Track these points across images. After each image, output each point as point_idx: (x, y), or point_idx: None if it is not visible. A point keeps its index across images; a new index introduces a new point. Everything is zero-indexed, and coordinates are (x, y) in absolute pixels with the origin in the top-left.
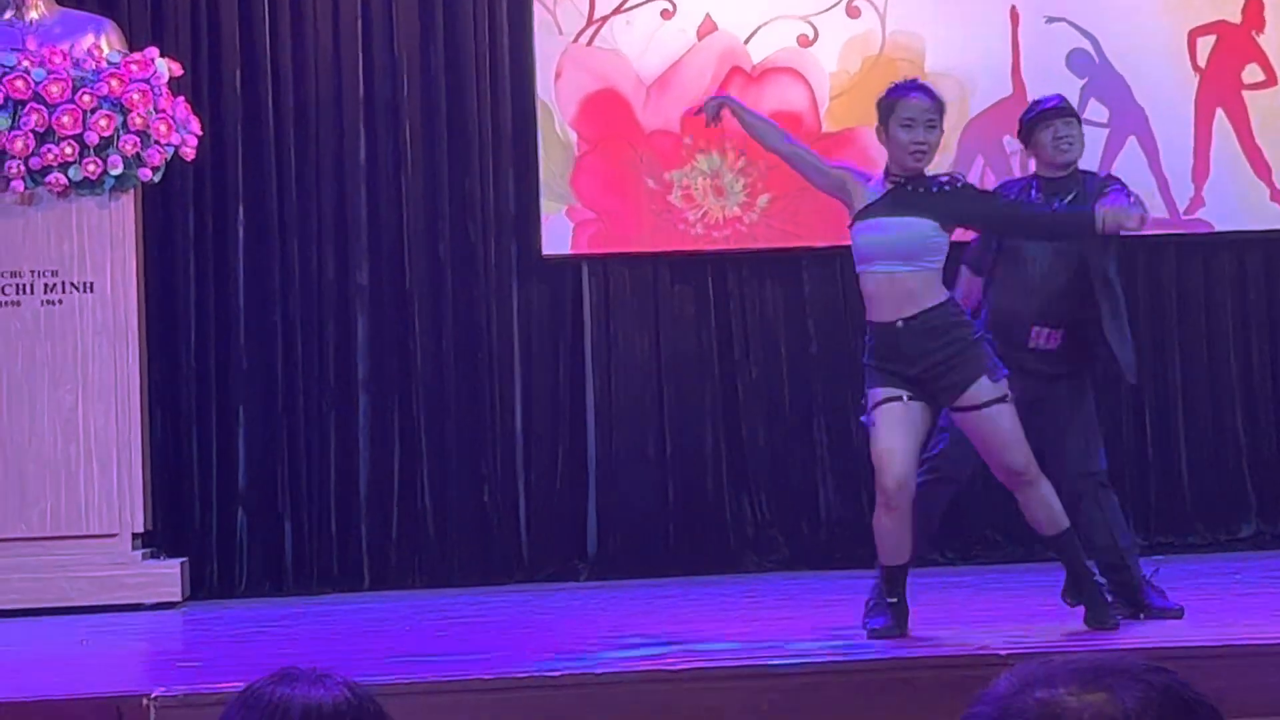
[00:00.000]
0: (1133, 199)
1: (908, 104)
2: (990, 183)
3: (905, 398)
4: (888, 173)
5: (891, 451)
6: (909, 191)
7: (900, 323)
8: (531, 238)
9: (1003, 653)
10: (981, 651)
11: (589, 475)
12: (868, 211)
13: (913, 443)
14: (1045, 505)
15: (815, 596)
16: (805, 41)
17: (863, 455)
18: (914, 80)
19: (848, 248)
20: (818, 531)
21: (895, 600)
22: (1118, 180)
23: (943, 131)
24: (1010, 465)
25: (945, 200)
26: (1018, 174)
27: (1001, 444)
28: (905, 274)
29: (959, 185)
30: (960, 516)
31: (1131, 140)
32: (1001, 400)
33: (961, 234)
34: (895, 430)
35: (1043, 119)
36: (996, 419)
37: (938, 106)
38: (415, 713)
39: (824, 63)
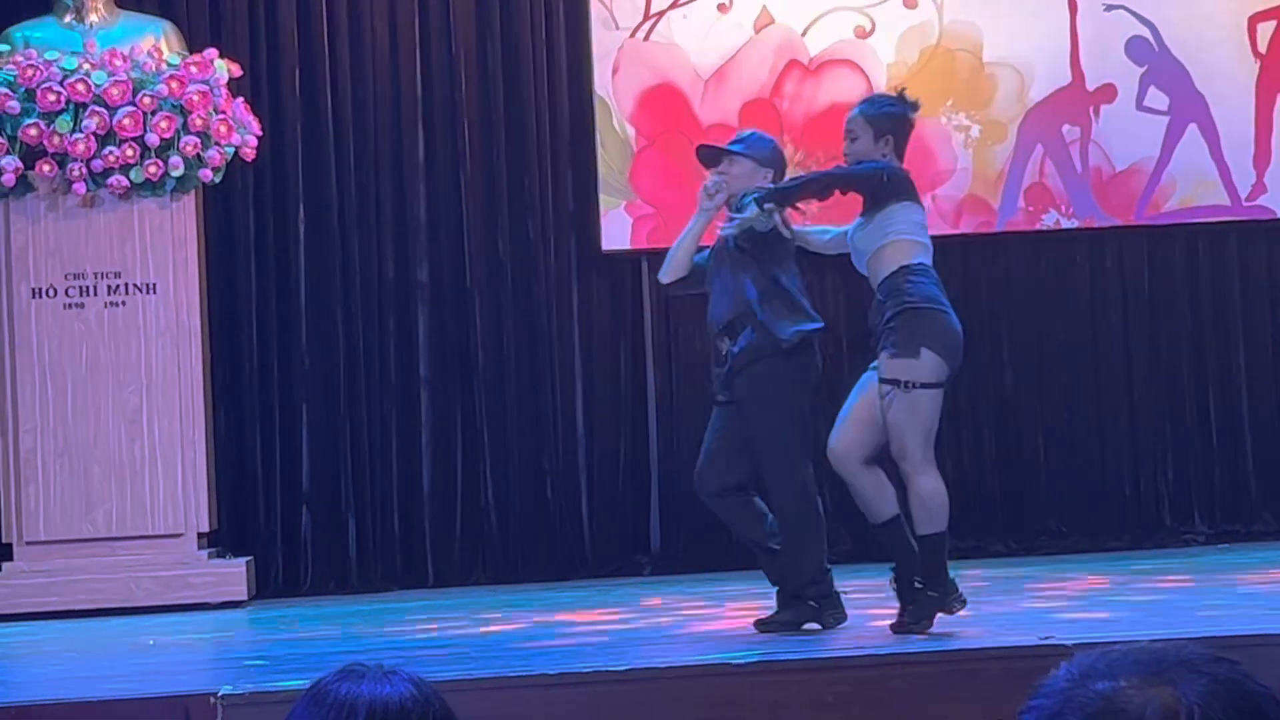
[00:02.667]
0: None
1: None
2: (1050, 173)
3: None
4: None
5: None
6: None
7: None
8: (591, 234)
9: (1068, 643)
10: (1046, 642)
11: (651, 471)
12: None
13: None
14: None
15: (880, 590)
16: (862, 33)
17: None
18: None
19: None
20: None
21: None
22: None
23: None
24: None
25: None
26: (1077, 163)
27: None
28: None
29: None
30: (1023, 508)
31: (1192, 128)
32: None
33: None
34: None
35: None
36: (910, 401)
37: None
38: (479, 708)
39: (881, 54)
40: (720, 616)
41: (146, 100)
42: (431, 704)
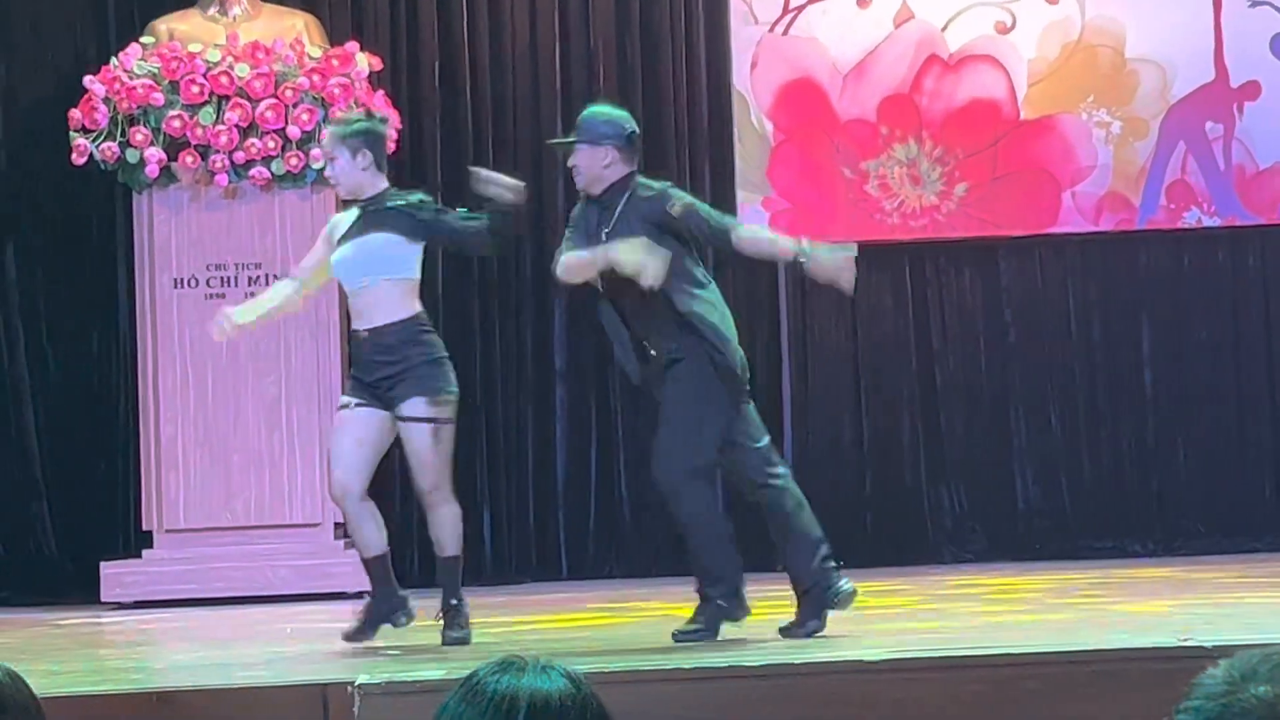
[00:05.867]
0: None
1: None
2: (1192, 170)
3: (354, 404)
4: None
5: (333, 454)
6: (372, 212)
7: (364, 333)
8: None
9: (1208, 645)
10: (1186, 643)
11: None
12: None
13: (354, 446)
14: (444, 528)
15: (1012, 587)
16: (1003, 28)
17: (1061, 445)
18: None
19: (1045, 237)
20: (1015, 523)
21: (373, 596)
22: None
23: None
24: (418, 483)
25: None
26: (1220, 160)
27: (416, 462)
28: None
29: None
30: (1163, 508)
31: None
32: (427, 421)
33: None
34: (339, 434)
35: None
36: (416, 438)
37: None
38: (611, 702)
39: (1022, 50)
40: (850, 615)
41: (288, 93)
42: (589, 700)
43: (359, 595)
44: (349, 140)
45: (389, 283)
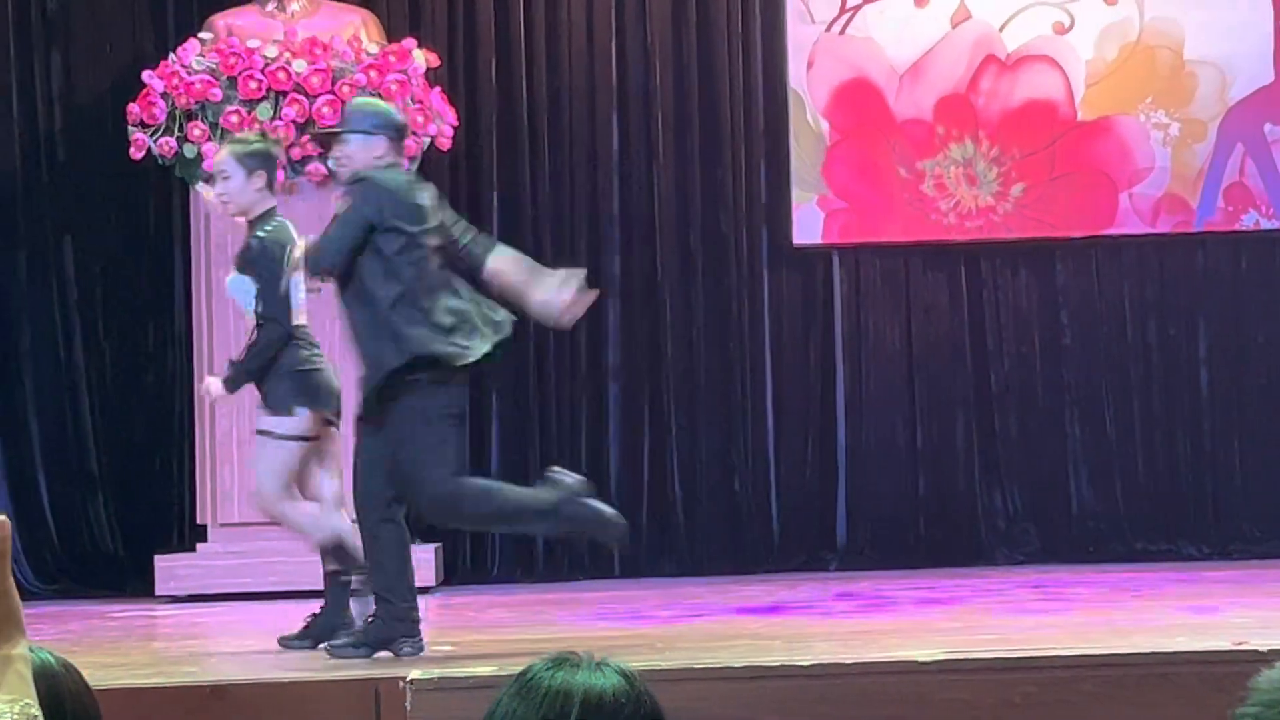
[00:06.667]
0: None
1: None
2: (1250, 173)
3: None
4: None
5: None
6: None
7: None
8: (782, 227)
9: (1263, 649)
10: (1241, 646)
11: (839, 466)
12: None
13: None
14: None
15: (1066, 589)
16: (1061, 29)
17: (1116, 447)
18: None
19: (1102, 239)
20: (1069, 525)
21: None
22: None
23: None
24: (253, 489)
25: None
26: (1278, 163)
27: (256, 471)
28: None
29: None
30: (1218, 511)
31: None
32: (268, 434)
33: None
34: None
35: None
36: (259, 448)
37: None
38: (668, 699)
39: (1080, 50)
40: (905, 614)
41: (345, 89)
42: (643, 698)
43: None
44: (245, 160)
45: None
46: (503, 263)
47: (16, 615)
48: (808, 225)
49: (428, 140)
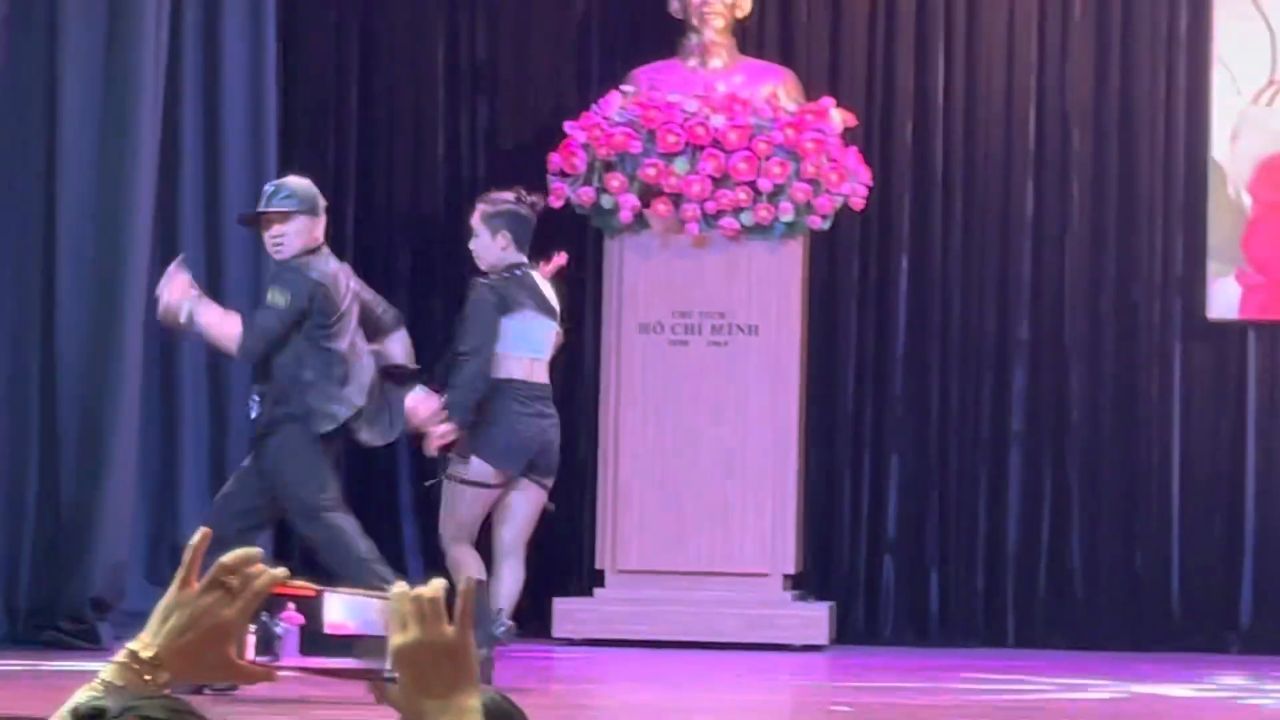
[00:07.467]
0: None
1: None
2: None
3: None
4: None
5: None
6: None
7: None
8: (1197, 299)
9: None
10: None
11: (1245, 544)
12: None
13: None
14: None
15: None
16: None
17: None
18: None
19: None
20: None
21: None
22: None
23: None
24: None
25: None
26: None
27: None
28: None
29: None
30: None
31: None
32: (451, 477)
33: None
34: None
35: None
36: (445, 486)
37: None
38: None
39: None
40: None
41: (762, 146)
42: None
43: (805, 648)
44: (490, 220)
45: None
46: None
47: (474, 669)
48: (1223, 299)
49: (841, 199)
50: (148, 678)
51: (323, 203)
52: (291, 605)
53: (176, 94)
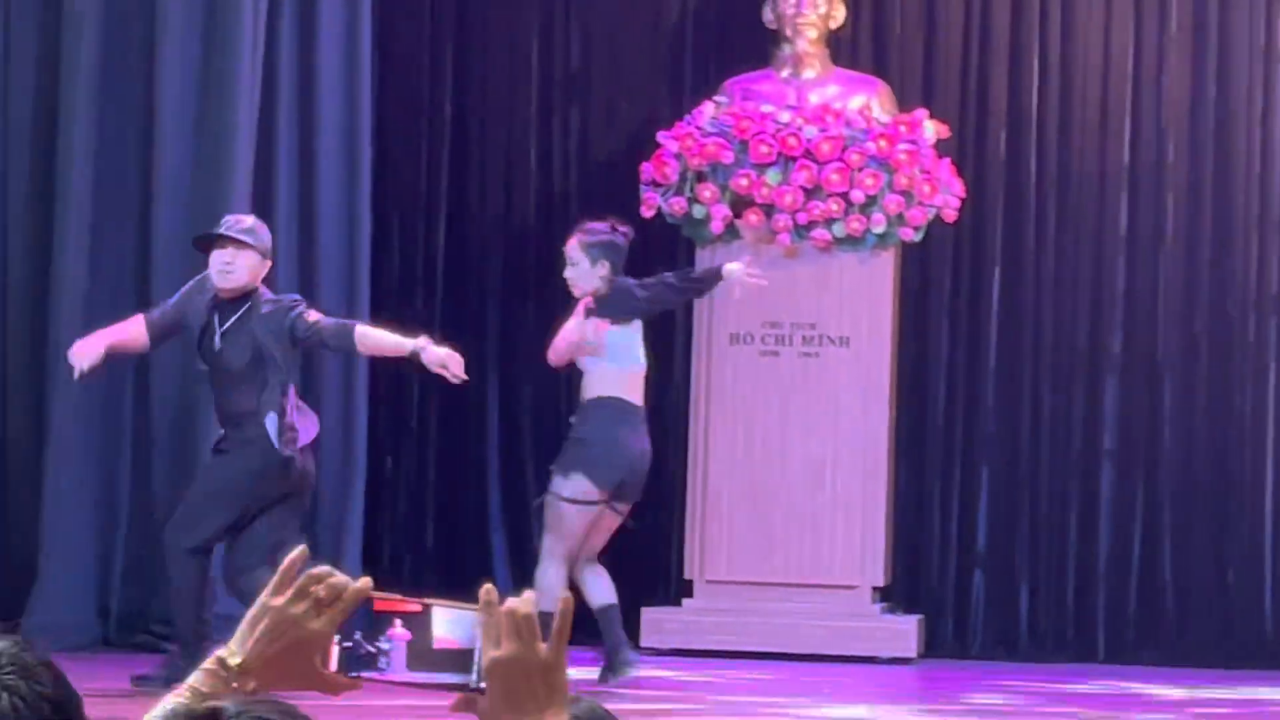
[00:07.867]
0: None
1: None
2: None
3: None
4: None
5: None
6: None
7: None
8: None
9: None
10: None
11: None
12: None
13: None
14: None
15: None
16: None
17: None
18: None
19: None
20: None
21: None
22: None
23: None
24: None
25: None
26: None
27: None
28: None
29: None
30: None
31: None
32: (553, 494)
33: None
34: None
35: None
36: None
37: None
38: None
39: None
40: None
41: (854, 157)
42: None
43: (890, 661)
44: (589, 249)
45: None
46: None
47: (565, 688)
48: None
49: (933, 211)
50: (235, 685)
51: (270, 259)
52: (399, 622)
53: (272, 99)
